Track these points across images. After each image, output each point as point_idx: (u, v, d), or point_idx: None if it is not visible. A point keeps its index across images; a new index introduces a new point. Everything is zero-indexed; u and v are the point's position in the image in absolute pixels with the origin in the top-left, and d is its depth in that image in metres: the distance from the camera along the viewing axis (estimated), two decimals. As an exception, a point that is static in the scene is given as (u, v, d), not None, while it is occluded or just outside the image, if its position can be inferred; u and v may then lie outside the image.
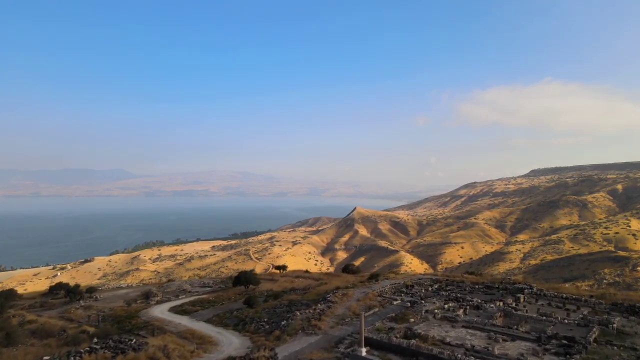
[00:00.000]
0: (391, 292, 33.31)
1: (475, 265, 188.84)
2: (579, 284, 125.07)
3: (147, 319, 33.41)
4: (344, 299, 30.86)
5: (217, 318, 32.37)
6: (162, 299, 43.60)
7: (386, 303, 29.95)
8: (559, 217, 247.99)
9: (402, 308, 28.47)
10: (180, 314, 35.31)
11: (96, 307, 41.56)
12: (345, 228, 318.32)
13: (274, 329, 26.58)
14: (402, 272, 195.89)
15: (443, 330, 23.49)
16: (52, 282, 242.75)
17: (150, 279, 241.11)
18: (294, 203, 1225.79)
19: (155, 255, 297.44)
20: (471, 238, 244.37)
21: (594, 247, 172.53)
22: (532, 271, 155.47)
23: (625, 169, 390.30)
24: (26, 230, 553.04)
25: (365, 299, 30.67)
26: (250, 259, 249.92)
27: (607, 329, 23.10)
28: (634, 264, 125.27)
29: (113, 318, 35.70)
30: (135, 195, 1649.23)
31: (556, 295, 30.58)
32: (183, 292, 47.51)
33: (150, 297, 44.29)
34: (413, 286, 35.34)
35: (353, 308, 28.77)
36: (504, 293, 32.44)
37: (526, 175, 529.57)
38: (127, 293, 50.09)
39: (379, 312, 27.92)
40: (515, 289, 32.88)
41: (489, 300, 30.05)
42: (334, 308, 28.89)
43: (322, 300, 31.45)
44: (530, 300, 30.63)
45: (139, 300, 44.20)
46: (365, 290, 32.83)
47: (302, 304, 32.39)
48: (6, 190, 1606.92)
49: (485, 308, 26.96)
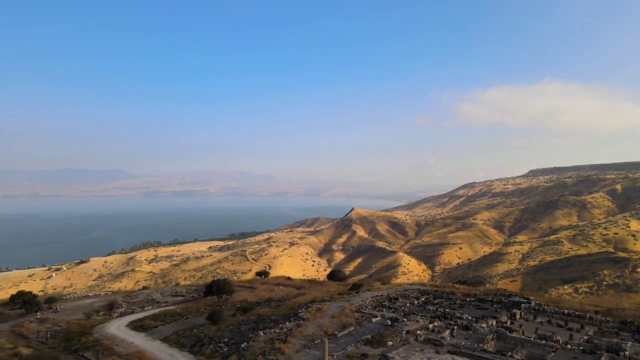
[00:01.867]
0: (372, 306, 29.68)
1: (474, 266, 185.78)
2: (579, 285, 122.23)
3: (99, 337, 29.82)
4: (317, 315, 27.24)
5: (175, 336, 28.80)
6: (126, 311, 40.00)
7: (364, 320, 26.35)
8: (558, 218, 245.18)
9: (382, 327, 24.91)
10: (138, 330, 31.72)
11: (53, 320, 37.94)
12: (343, 229, 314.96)
13: (232, 353, 23.04)
14: (400, 272, 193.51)
15: (425, 357, 19.94)
16: (46, 283, 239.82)
17: (145, 279, 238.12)
18: (292, 203, 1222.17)
19: (151, 256, 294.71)
20: (470, 239, 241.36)
21: (593, 248, 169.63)
22: (531, 272, 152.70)
23: (624, 169, 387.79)
24: (24, 230, 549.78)
25: (341, 315, 27.04)
26: (246, 260, 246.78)
27: (618, 357, 19.52)
28: (633, 265, 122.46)
29: (65, 334, 32.11)
30: (134, 196, 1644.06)
31: (557, 311, 26.98)
32: (151, 302, 43.90)
33: (115, 308, 40.70)
34: (397, 299, 31.71)
35: (325, 327, 25.18)
36: (498, 308, 28.85)
37: (525, 175, 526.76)
38: (92, 303, 46.43)
39: (354, 332, 24.34)
40: (511, 302, 29.29)
41: (481, 317, 26.49)
42: (304, 327, 25.30)
43: (292, 316, 27.87)
44: (528, 316, 27.02)
45: (101, 312, 40.59)
46: (343, 305, 29.18)
47: (271, 320, 28.78)
48: (4, 191, 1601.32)
49: (475, 329, 23.35)
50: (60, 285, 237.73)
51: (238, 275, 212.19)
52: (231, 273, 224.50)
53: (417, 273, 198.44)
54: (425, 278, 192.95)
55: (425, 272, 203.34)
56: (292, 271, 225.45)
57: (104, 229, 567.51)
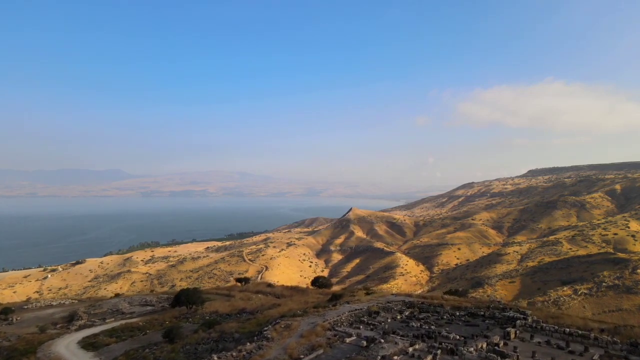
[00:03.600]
0: (348, 322, 26.28)
1: (472, 267, 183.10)
2: (578, 286, 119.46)
3: (42, 357, 26.53)
4: (285, 334, 23.89)
5: (123, 358, 25.44)
6: (85, 323, 36.60)
7: (337, 340, 22.98)
8: (557, 218, 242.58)
9: (355, 349, 21.58)
10: (87, 348, 28.35)
11: (4, 333, 34.57)
12: (341, 229, 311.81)
13: (178, 382, 19.66)
14: (397, 273, 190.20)
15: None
16: (42, 284, 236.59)
17: (141, 280, 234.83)
18: (291, 203, 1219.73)
19: (148, 256, 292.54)
20: (468, 239, 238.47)
21: (592, 248, 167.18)
22: (530, 273, 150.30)
23: (623, 169, 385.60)
24: (21, 231, 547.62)
25: (311, 334, 23.65)
26: (243, 261, 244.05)
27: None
28: (633, 266, 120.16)
29: (8, 352, 28.81)
30: (132, 196, 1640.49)
31: (557, 329, 23.63)
32: (115, 313, 40.53)
33: (75, 320, 37.34)
34: (379, 313, 28.30)
35: (291, 349, 21.82)
36: (491, 324, 25.51)
37: (524, 175, 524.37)
38: (52, 314, 43.03)
39: (322, 357, 21.00)
40: (505, 318, 25.93)
41: (470, 336, 23.17)
42: (266, 349, 21.94)
43: (257, 334, 24.51)
44: (524, 335, 23.66)
45: (59, 325, 37.20)
46: (315, 321, 25.77)
47: (234, 338, 25.43)
48: (3, 191, 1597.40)
49: (462, 354, 19.97)
50: (55, 286, 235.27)
51: (234, 276, 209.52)
52: (227, 274, 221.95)
53: (415, 274, 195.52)
54: (423, 279, 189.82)
55: (424, 273, 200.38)
56: (289, 272, 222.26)
57: (101, 230, 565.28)
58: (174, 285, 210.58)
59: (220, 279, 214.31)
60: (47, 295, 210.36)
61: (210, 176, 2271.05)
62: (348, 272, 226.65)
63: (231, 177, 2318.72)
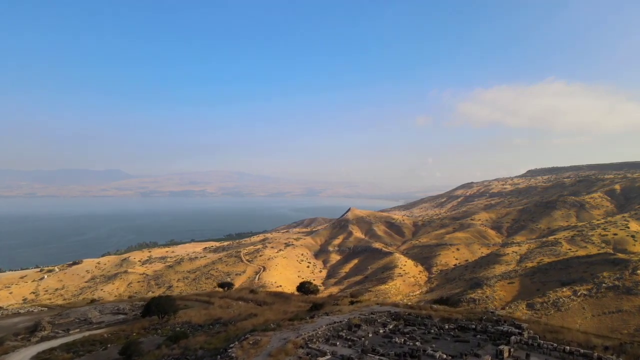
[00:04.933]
0: (324, 337, 23.68)
1: (471, 268, 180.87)
2: (578, 287, 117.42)
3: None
4: (251, 353, 21.31)
5: (72, 379, 22.97)
6: (48, 335, 34.07)
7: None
8: (556, 218, 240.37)
9: (328, 371, 19.06)
10: (38, 366, 25.90)
11: (-42, 346, 32.09)
12: (339, 229, 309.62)
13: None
14: (396, 274, 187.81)
15: None
16: (38, 285, 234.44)
17: (138, 281, 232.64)
18: (290, 203, 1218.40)
19: (145, 257, 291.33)
20: (467, 239, 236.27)
21: (592, 249, 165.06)
22: (529, 274, 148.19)
23: (622, 168, 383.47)
24: (20, 231, 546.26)
25: (280, 352, 21.04)
26: (241, 261, 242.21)
27: None
28: (633, 267, 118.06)
29: (-46, 369, 26.35)
30: (131, 196, 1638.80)
31: (555, 347, 21.06)
32: (82, 323, 37.95)
33: (38, 330, 34.83)
34: (360, 326, 25.70)
35: (255, 371, 19.29)
36: (482, 340, 22.95)
37: (523, 175, 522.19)
38: (17, 323, 40.42)
39: (289, 381, 18.44)
40: (499, 332, 23.37)
41: (459, 355, 20.64)
42: (227, 371, 19.41)
43: (222, 352, 21.94)
44: (519, 353, 21.08)
45: (20, 336, 34.66)
46: (287, 336, 23.18)
47: (197, 356, 22.90)
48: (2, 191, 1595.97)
49: (446, 379, 17.47)
50: (52, 287, 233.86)
51: (232, 276, 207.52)
52: (225, 275, 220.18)
53: (414, 274, 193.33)
54: (422, 280, 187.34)
55: (422, 274, 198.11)
56: (287, 273, 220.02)
57: (100, 230, 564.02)
58: (171, 286, 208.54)
59: (217, 280, 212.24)
60: (43, 297, 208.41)
61: (210, 176, 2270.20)
62: (346, 272, 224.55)
63: (230, 177, 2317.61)
